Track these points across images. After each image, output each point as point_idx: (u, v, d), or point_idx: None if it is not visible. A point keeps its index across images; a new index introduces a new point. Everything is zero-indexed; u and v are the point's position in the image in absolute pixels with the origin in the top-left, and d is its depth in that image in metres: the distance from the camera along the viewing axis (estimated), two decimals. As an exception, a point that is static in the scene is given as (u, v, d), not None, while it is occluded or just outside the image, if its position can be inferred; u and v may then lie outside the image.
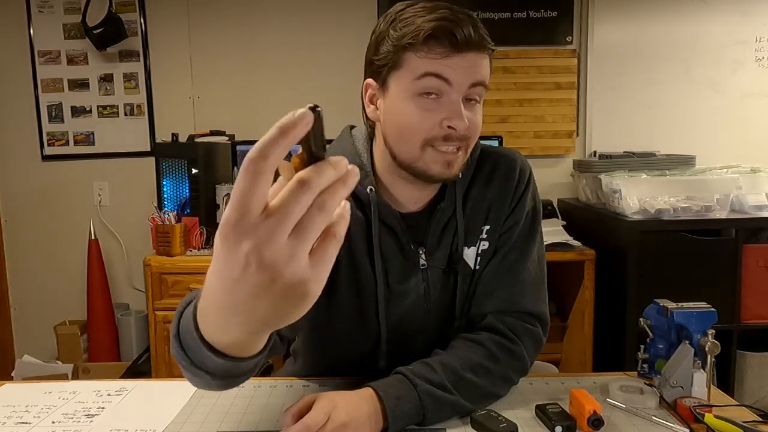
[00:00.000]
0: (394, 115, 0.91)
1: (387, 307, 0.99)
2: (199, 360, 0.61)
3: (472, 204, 1.01)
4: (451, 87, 0.87)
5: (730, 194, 2.16)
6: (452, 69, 0.86)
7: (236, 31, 2.73)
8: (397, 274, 0.99)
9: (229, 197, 2.51)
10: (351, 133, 1.04)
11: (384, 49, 0.89)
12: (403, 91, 0.89)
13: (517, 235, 1.01)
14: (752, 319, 2.12)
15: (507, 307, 0.99)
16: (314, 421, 0.75)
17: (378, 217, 0.96)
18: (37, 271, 2.83)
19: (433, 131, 0.88)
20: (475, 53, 0.87)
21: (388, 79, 0.91)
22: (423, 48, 0.86)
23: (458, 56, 0.86)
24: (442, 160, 0.90)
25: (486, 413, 0.86)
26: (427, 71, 0.86)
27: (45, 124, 2.75)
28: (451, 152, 0.90)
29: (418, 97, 0.88)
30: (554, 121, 2.75)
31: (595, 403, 0.83)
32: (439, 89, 0.87)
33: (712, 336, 0.93)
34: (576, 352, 2.31)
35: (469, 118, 0.88)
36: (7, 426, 0.88)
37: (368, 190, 0.96)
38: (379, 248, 0.97)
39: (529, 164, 1.06)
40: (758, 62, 2.73)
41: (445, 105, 0.87)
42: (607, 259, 2.20)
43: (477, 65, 0.88)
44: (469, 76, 0.87)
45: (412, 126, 0.89)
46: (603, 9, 2.70)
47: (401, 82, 0.89)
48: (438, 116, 0.88)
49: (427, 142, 0.89)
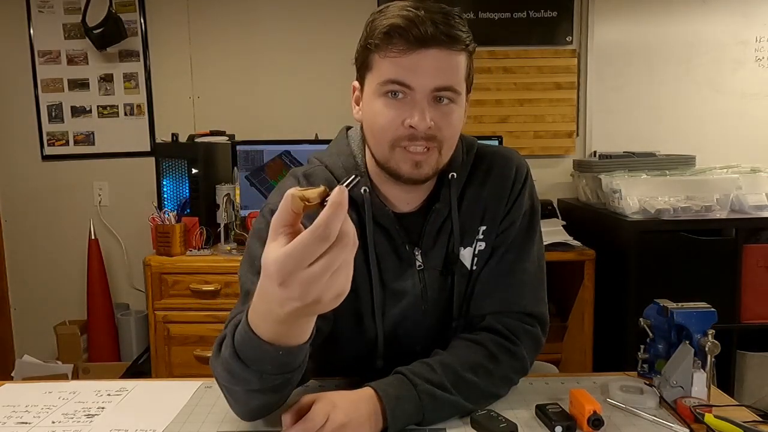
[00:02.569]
0: (367, 115, 0.93)
1: (383, 308, 0.99)
2: (257, 361, 0.72)
3: (467, 204, 1.00)
4: (413, 90, 0.87)
5: (730, 194, 2.16)
6: (413, 70, 0.86)
7: (236, 31, 2.73)
8: (392, 274, 0.99)
9: (229, 197, 2.47)
10: (347, 134, 1.05)
11: (358, 50, 0.92)
12: (373, 92, 0.90)
13: (514, 235, 1.01)
14: (752, 319, 2.12)
15: (506, 308, 0.98)
16: (313, 422, 0.75)
17: (372, 218, 0.97)
18: (37, 271, 2.84)
19: (398, 131, 0.89)
20: (438, 50, 0.85)
21: (364, 80, 0.93)
22: (383, 48, 0.86)
23: (418, 53, 0.85)
24: (410, 160, 0.90)
25: (486, 413, 0.86)
26: (388, 78, 0.87)
27: (45, 124, 2.75)
28: (420, 153, 0.89)
29: (383, 97, 0.89)
30: (554, 121, 2.75)
31: (595, 403, 0.83)
32: (403, 91, 0.87)
33: (712, 336, 0.93)
34: (576, 352, 2.31)
35: (435, 118, 0.87)
36: (7, 426, 0.88)
37: (362, 191, 0.96)
38: (374, 248, 0.97)
39: (526, 163, 1.05)
40: (758, 62, 2.73)
41: (409, 105, 0.88)
42: (607, 259, 2.20)
43: (443, 65, 0.86)
44: (432, 77, 0.86)
45: (380, 126, 0.90)
46: (603, 9, 2.71)
47: (371, 83, 0.91)
48: (401, 116, 0.88)
49: (395, 143, 0.90)
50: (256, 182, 2.48)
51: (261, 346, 0.69)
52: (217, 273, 2.17)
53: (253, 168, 2.47)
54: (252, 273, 0.90)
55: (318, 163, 1.02)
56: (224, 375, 0.78)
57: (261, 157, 2.47)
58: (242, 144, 2.50)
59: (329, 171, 0.99)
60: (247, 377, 0.74)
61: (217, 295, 2.16)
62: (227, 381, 0.78)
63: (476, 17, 2.68)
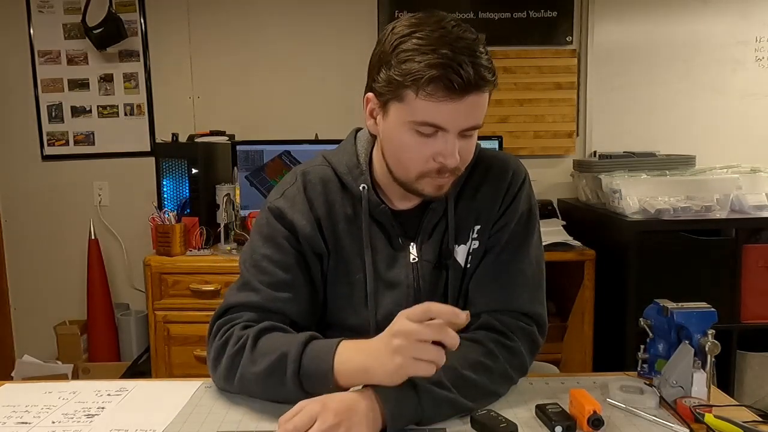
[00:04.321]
0: (392, 140, 0.95)
1: (376, 297, 1.02)
2: (313, 389, 0.86)
3: (463, 204, 1.04)
4: (446, 132, 0.90)
5: (730, 194, 2.16)
6: (448, 115, 0.88)
7: (236, 31, 2.73)
8: (385, 265, 1.02)
9: (229, 197, 2.49)
10: (356, 136, 1.08)
11: (384, 77, 0.90)
12: (402, 123, 0.91)
13: (510, 237, 1.02)
14: (752, 319, 2.12)
15: (502, 306, 0.99)
16: (294, 426, 0.77)
17: (368, 213, 1.01)
18: (37, 271, 2.84)
19: (427, 165, 0.92)
20: (474, 95, 0.88)
21: (389, 104, 0.93)
22: (423, 90, 0.87)
23: (457, 102, 0.87)
24: (435, 185, 0.95)
25: (486, 413, 0.86)
26: (425, 120, 0.89)
27: (45, 124, 2.75)
28: (445, 178, 0.95)
29: (413, 133, 0.91)
30: (554, 121, 2.75)
31: (595, 403, 0.83)
32: (435, 132, 0.90)
33: (712, 336, 0.93)
34: (576, 352, 2.31)
35: (460, 150, 0.92)
36: (7, 426, 0.88)
37: (361, 188, 1.01)
38: (368, 240, 1.01)
39: (525, 169, 1.07)
40: (758, 62, 2.73)
41: (440, 143, 0.91)
42: (607, 259, 2.20)
43: (475, 107, 0.90)
44: (464, 120, 0.90)
45: (409, 158, 0.93)
46: (603, 9, 2.70)
47: (401, 115, 0.91)
48: (432, 150, 0.91)
49: (422, 175, 0.94)
50: (256, 182, 2.48)
51: (327, 378, 0.85)
52: (217, 273, 2.17)
53: (253, 168, 2.47)
54: (252, 266, 1.01)
55: (321, 161, 1.07)
56: (256, 373, 0.90)
57: (261, 157, 2.48)
58: (242, 144, 2.50)
59: (332, 168, 1.04)
60: (287, 393, 0.87)
61: (217, 295, 2.16)
62: (256, 378, 0.90)
63: (476, 17, 2.68)
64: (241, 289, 1.01)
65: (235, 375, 0.92)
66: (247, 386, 0.92)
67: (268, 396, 0.92)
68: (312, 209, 1.02)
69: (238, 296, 1.00)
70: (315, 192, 1.03)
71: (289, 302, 0.99)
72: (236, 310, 0.99)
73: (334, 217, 1.03)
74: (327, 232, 1.03)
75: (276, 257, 1.00)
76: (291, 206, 1.02)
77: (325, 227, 1.02)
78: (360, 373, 0.84)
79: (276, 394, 0.90)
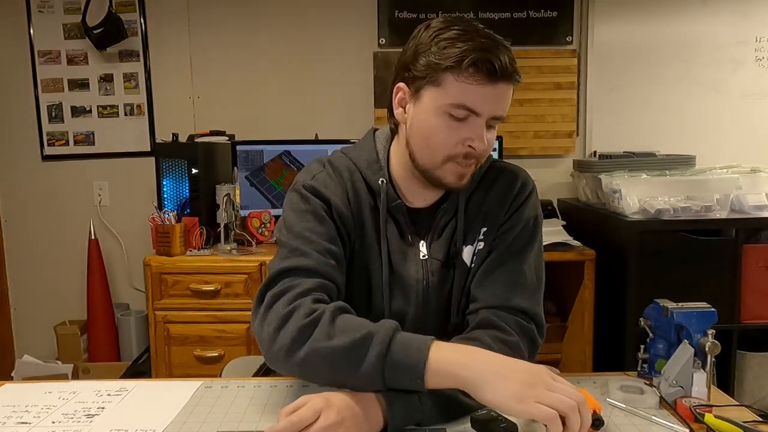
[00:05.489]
0: (422, 124, 0.98)
1: (390, 287, 1.04)
2: (395, 375, 0.82)
3: (472, 207, 1.08)
4: (479, 116, 0.94)
5: (730, 194, 2.16)
6: (483, 99, 0.93)
7: (236, 31, 2.73)
8: (399, 258, 1.05)
9: (229, 197, 2.49)
10: (374, 135, 1.12)
11: (424, 63, 0.94)
12: (435, 107, 0.95)
13: (513, 240, 1.05)
14: (752, 319, 2.12)
15: (501, 303, 1.00)
16: (299, 418, 0.76)
17: (385, 207, 1.04)
18: (37, 271, 2.84)
19: (456, 149, 0.96)
20: (506, 83, 0.94)
21: (422, 90, 0.96)
22: (463, 73, 0.91)
23: (492, 86, 0.92)
24: (458, 173, 0.98)
25: (486, 413, 0.86)
26: (461, 102, 0.93)
27: (45, 124, 2.75)
28: (468, 166, 0.99)
29: (446, 116, 0.95)
30: (554, 121, 2.75)
31: (595, 403, 0.83)
32: (468, 115, 0.94)
33: (712, 336, 0.94)
34: (576, 352, 2.31)
35: (487, 139, 0.97)
36: (7, 426, 0.88)
37: (380, 182, 1.04)
38: (385, 233, 1.04)
39: (532, 181, 1.12)
40: (758, 62, 2.73)
41: (471, 127, 0.95)
42: (607, 259, 2.20)
43: (505, 97, 0.95)
44: (495, 106, 0.94)
45: (438, 140, 0.96)
46: (603, 9, 2.70)
47: (435, 99, 0.95)
48: (462, 135, 0.95)
49: (450, 158, 0.97)
50: (256, 182, 2.48)
51: (416, 369, 0.81)
52: (217, 273, 2.17)
53: (253, 168, 2.47)
54: (296, 238, 0.98)
55: (342, 155, 1.10)
56: (333, 348, 0.83)
57: (261, 157, 2.48)
58: (242, 144, 2.50)
59: (353, 162, 1.07)
60: (358, 378, 0.83)
61: (217, 295, 2.16)
62: (331, 354, 0.83)
63: (476, 17, 2.68)
64: (290, 255, 0.96)
65: (302, 347, 0.85)
66: (314, 363, 0.85)
67: (335, 378, 0.85)
68: (343, 191, 1.04)
69: (289, 261, 0.94)
70: (343, 178, 1.05)
71: (336, 272, 0.97)
72: (289, 274, 0.93)
73: (360, 203, 1.05)
74: (355, 215, 1.04)
75: (319, 229, 0.99)
76: (324, 186, 1.03)
77: (354, 210, 1.04)
78: (458, 368, 0.81)
79: (346, 377, 0.84)
